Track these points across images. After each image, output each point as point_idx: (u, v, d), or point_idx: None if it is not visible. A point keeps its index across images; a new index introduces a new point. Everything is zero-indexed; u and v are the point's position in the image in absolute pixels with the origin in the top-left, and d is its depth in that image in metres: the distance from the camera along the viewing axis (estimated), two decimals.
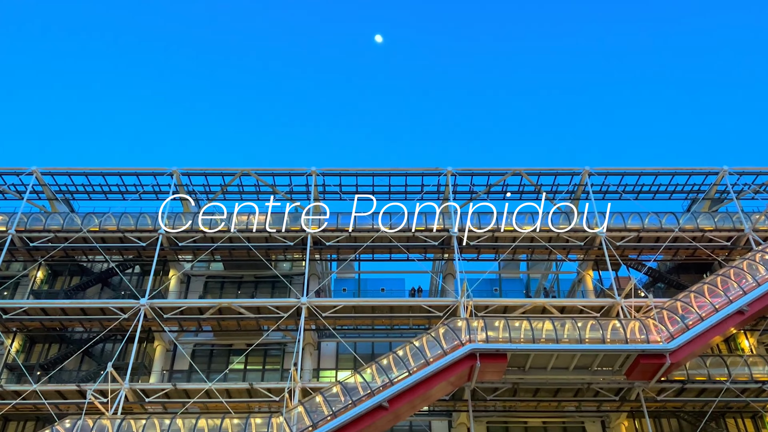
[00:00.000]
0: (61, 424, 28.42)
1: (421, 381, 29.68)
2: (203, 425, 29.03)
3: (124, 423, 28.88)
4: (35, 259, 39.06)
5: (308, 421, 28.78)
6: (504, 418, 36.91)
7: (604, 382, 32.71)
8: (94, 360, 37.97)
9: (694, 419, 34.86)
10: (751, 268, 33.60)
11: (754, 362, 33.90)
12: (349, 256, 40.34)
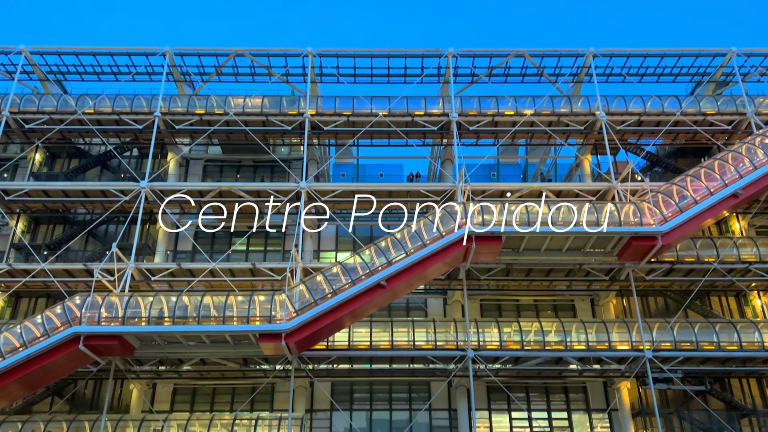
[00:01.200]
0: (71, 300, 29.58)
1: (418, 262, 30.57)
2: (209, 302, 30.28)
3: (132, 300, 30.10)
4: (32, 141, 38.86)
5: (310, 297, 29.97)
6: (497, 297, 38.45)
7: (595, 263, 33.74)
8: (99, 241, 38.88)
9: (680, 297, 36.33)
10: (750, 152, 33.59)
11: (742, 244, 34.78)
12: (347, 141, 40.15)
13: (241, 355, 32.24)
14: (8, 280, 33.82)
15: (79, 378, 33.98)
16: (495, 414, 35.80)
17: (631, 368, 32.91)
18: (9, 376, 27.56)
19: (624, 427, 34.23)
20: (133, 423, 32.24)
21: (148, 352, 31.32)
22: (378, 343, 33.52)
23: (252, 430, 32.14)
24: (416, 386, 36.56)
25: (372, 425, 35.56)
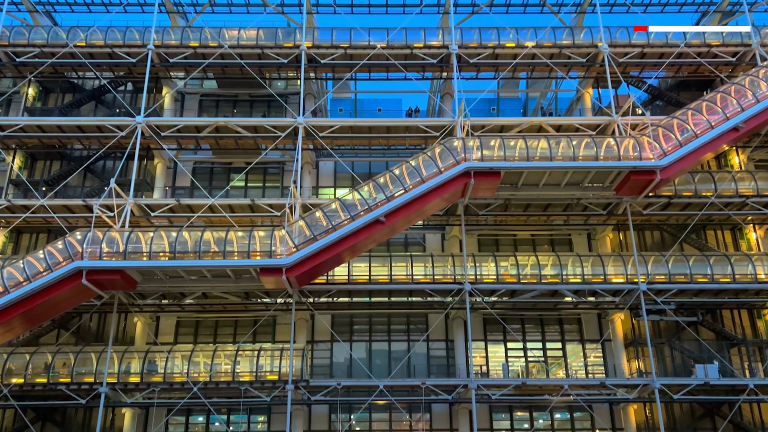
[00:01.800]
0: (72, 235, 29.80)
1: (417, 198, 30.63)
2: (209, 237, 30.53)
3: (133, 235, 30.32)
4: (24, 75, 38.14)
5: (309, 233, 30.21)
6: (494, 232, 38.78)
7: (593, 197, 33.85)
8: (97, 177, 38.82)
9: (676, 231, 36.66)
10: (753, 85, 33.11)
11: (741, 178, 34.80)
12: (344, 75, 39.46)
13: (242, 289, 32.80)
14: (8, 216, 33.97)
15: (84, 311, 34.66)
16: (491, 344, 36.79)
17: (625, 300, 33.58)
18: (14, 310, 28.08)
19: (616, 357, 35.25)
20: (138, 354, 33.13)
21: (151, 286, 31.83)
22: (377, 277, 34.06)
23: (255, 360, 33.10)
24: (414, 318, 37.40)
25: (371, 355, 36.58)
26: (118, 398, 32.14)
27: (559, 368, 36.42)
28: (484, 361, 36.30)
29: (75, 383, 31.48)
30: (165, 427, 34.30)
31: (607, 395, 32.82)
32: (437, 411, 35.18)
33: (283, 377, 31.97)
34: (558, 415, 35.35)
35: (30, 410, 32.78)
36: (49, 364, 31.92)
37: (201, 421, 35.20)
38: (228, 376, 32.29)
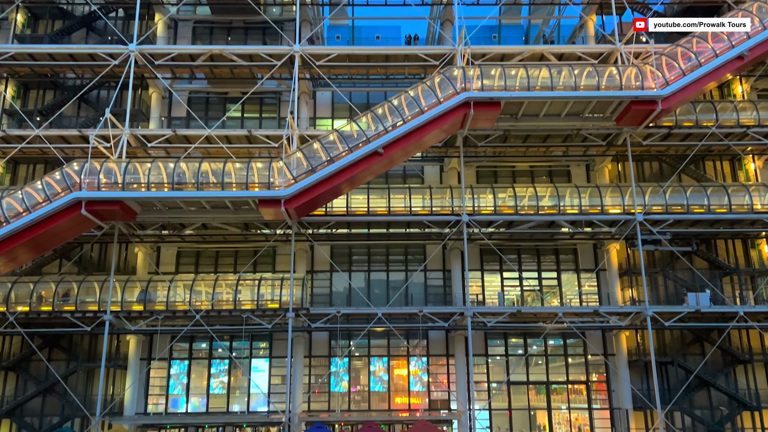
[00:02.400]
0: (69, 166, 29.69)
1: (415, 129, 30.37)
2: (207, 168, 30.44)
3: (130, 166, 30.23)
4: (12, 0, 36.93)
5: (307, 165, 30.13)
6: (493, 163, 38.68)
7: (593, 128, 33.59)
8: (91, 107, 38.29)
9: (675, 162, 36.60)
10: (761, 11, 32.24)
11: (742, 108, 34.42)
12: (342, 0, 38.31)
13: (241, 220, 33.01)
14: (4, 147, 33.69)
15: (85, 242, 35.00)
16: (487, 274, 37.40)
17: (621, 231, 33.92)
18: (15, 240, 28.35)
19: (610, 286, 35.93)
20: (140, 283, 33.73)
21: (150, 217, 32.02)
22: (375, 209, 34.24)
23: (255, 289, 33.76)
24: (412, 249, 37.86)
25: (370, 285, 37.26)
26: (122, 326, 32.95)
27: (554, 297, 37.20)
28: (480, 290, 37.01)
29: (79, 311, 32.21)
30: (169, 353, 35.32)
31: (600, 323, 33.67)
32: (434, 338, 36.17)
33: (283, 305, 32.70)
34: (551, 342, 36.38)
35: (37, 337, 33.64)
36: (54, 293, 32.55)
37: (204, 348, 36.22)
38: (230, 304, 33.01)
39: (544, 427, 35.56)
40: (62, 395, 33.89)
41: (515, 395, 35.75)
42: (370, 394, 35.63)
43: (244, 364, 35.38)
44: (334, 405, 34.87)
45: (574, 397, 35.93)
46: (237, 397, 35.53)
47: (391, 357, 36.29)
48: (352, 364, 36.32)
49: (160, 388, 35.35)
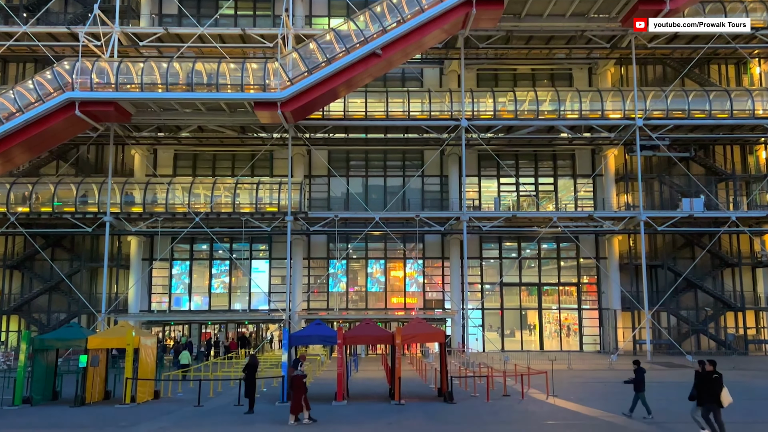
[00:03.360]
0: (60, 65, 28.99)
1: (415, 28, 29.40)
2: (201, 68, 29.77)
3: (123, 66, 29.51)
4: None
5: (303, 67, 29.43)
6: (494, 66, 37.85)
7: (598, 29, 32.61)
8: (79, 2, 36.84)
9: (679, 66, 35.84)
10: None
11: (753, 9, 33.28)
12: None
13: (237, 123, 32.65)
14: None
15: (81, 143, 34.77)
16: (484, 179, 37.56)
17: (620, 136, 33.74)
18: (10, 141, 28.11)
19: (606, 191, 36.21)
20: (139, 185, 33.83)
21: (146, 119, 31.65)
22: (373, 113, 33.83)
23: (254, 193, 33.95)
24: (410, 154, 37.77)
25: (367, 190, 37.46)
26: (122, 227, 33.37)
27: (550, 202, 37.56)
28: (477, 195, 37.29)
29: (80, 212, 32.50)
30: (170, 254, 36.02)
31: (594, 227, 34.19)
32: (430, 241, 36.84)
33: (282, 209, 33.03)
34: (545, 246, 37.12)
35: (39, 237, 34.15)
36: (53, 194, 32.73)
37: (205, 249, 36.91)
38: (228, 207, 33.31)
39: (534, 325, 36.98)
40: (67, 293, 34.86)
41: (507, 296, 36.92)
42: (367, 295, 36.75)
43: (245, 265, 36.19)
44: (333, 304, 36.03)
45: (565, 298, 37.14)
46: (238, 296, 36.63)
47: (388, 260, 37.11)
48: (350, 266, 37.20)
49: (163, 287, 36.35)
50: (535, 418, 14.37)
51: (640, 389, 14.22)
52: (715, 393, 11.18)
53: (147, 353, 18.46)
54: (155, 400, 18.38)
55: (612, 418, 14.05)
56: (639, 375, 14.30)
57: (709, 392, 11.27)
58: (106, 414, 15.66)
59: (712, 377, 11.43)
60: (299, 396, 13.88)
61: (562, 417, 14.57)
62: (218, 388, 20.34)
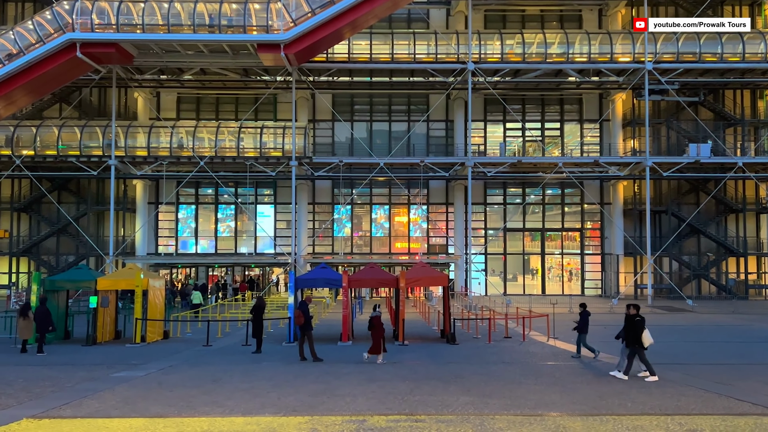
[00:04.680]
0: (59, 5, 28.40)
1: None
2: (202, 9, 29.19)
3: (123, 6, 28.84)
4: None
5: (306, 7, 28.77)
6: (502, 7, 36.94)
7: None
8: None
9: (692, 7, 34.93)
10: None
11: None
12: None
13: (240, 65, 32.18)
14: None
15: (83, 86, 34.44)
16: (490, 124, 37.25)
17: (629, 80, 33.20)
18: (12, 83, 27.83)
19: (613, 136, 35.91)
20: (143, 129, 33.70)
21: (148, 61, 31.23)
22: (378, 56, 33.26)
23: (258, 137, 33.82)
24: (415, 99, 37.34)
25: (372, 135, 37.23)
26: (127, 170, 33.44)
27: (555, 147, 37.33)
28: (483, 140, 37.05)
29: (84, 156, 32.54)
30: (176, 198, 36.20)
31: (599, 173, 34.09)
32: (434, 187, 36.85)
33: (286, 154, 32.95)
34: (549, 191, 37.11)
35: (45, 180, 34.27)
36: (57, 137, 32.68)
37: (210, 193, 37.05)
38: (233, 151, 33.25)
39: (537, 270, 37.37)
40: (75, 236, 35.25)
41: (511, 241, 37.18)
42: (371, 239, 37.05)
43: (250, 210, 36.39)
44: (337, 249, 36.37)
45: (568, 243, 37.40)
46: (244, 240, 36.99)
47: (392, 205, 37.23)
48: (355, 212, 37.37)
49: (169, 230, 36.70)
50: (535, 359, 14.72)
51: (583, 332, 14.84)
52: (638, 335, 11.93)
53: (156, 295, 18.81)
54: (164, 340, 18.84)
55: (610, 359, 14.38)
56: (583, 318, 14.92)
57: (633, 334, 12.00)
58: (118, 353, 16.10)
59: (635, 320, 12.10)
60: (379, 336, 13.89)
61: (562, 358, 14.92)
62: (226, 329, 20.80)
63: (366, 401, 9.87)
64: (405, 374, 12.42)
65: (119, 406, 9.49)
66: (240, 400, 9.93)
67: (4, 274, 36.45)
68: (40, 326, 16.22)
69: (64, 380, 11.83)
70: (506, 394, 10.56)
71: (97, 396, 10.27)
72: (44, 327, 16.24)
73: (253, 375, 12.39)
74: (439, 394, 10.48)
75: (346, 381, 11.68)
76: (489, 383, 11.56)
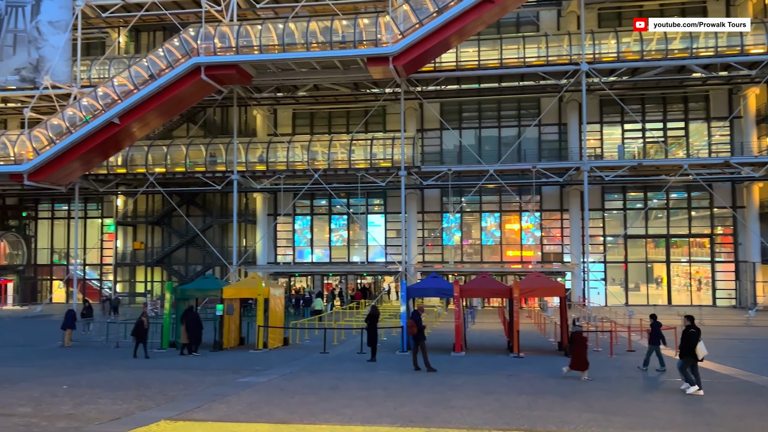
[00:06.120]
0: (186, 32, 30.62)
1: None
2: (314, 27, 30.29)
3: (242, 29, 30.66)
4: None
5: (414, 18, 29.07)
6: (617, 4, 35.39)
7: None
8: None
9: None
10: None
11: None
12: None
13: (351, 79, 33.07)
14: (126, 15, 35.07)
15: (207, 106, 36.85)
16: (606, 126, 35.68)
17: (762, 73, 30.57)
18: (146, 106, 30.32)
19: (745, 134, 33.19)
20: (261, 145, 35.54)
21: (265, 80, 32.87)
22: (486, 62, 32.94)
23: (368, 149, 34.54)
24: (525, 103, 36.55)
25: (481, 141, 36.85)
26: (248, 184, 35.34)
27: (679, 148, 35.06)
28: (599, 143, 35.55)
29: (209, 171, 34.85)
30: (293, 210, 37.73)
31: (730, 174, 31.62)
32: (547, 193, 35.80)
33: (395, 164, 33.38)
34: (674, 195, 34.88)
35: (175, 195, 36.94)
36: (185, 155, 35.25)
37: (324, 204, 38.26)
38: (345, 163, 34.18)
39: (661, 279, 35.18)
40: (202, 247, 37.65)
41: (632, 248, 35.30)
42: (481, 248, 36.58)
43: (361, 219, 37.16)
44: (447, 257, 36.24)
45: (696, 250, 34.91)
46: (356, 249, 37.81)
47: (503, 212, 36.57)
48: (464, 220, 37.10)
49: (287, 240, 38.28)
50: (663, 375, 13.83)
51: (654, 343, 14.42)
52: (691, 346, 11.79)
53: (276, 303, 19.65)
54: (284, 346, 19.61)
55: (750, 377, 13.23)
56: (654, 329, 14.51)
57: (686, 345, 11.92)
58: (242, 358, 16.96)
59: (689, 331, 12.02)
60: (583, 351, 13.14)
61: None
62: (342, 337, 21.32)
63: (482, 414, 9.71)
64: (521, 387, 12.11)
65: (245, 411, 9.97)
66: (358, 409, 10.11)
67: (140, 283, 39.64)
68: (193, 331, 17.47)
69: (195, 384, 12.61)
70: (631, 411, 10.00)
71: (225, 400, 10.85)
72: (196, 331, 17.60)
73: (369, 383, 12.58)
74: (559, 409, 10.12)
75: (461, 392, 11.56)
76: (612, 399, 11.00)
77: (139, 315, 18.55)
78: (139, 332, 17.48)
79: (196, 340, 17.69)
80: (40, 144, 31.36)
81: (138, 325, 17.60)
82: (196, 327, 17.72)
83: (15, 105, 37.34)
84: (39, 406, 10.43)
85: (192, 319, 17.75)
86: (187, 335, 17.61)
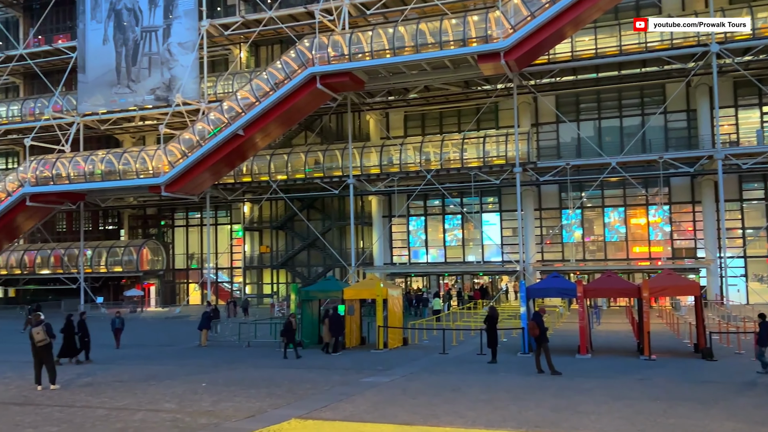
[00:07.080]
0: (301, 44, 31.88)
1: None
2: (424, 28, 30.43)
3: (354, 36, 31.45)
4: None
5: (525, 11, 28.38)
6: None
7: None
8: None
9: None
10: None
11: None
12: None
13: (461, 78, 32.85)
14: (246, 32, 37.14)
15: (323, 113, 38.14)
16: (742, 110, 32.87)
17: None
18: (268, 117, 31.90)
19: None
20: (375, 149, 36.23)
21: (377, 85, 33.46)
22: (604, 50, 31.52)
23: (481, 147, 34.15)
24: (649, 90, 34.50)
25: (600, 133, 35.24)
26: (363, 188, 36.16)
27: None
28: (733, 128, 32.80)
29: (327, 177, 36.07)
30: (407, 211, 38.08)
31: None
32: (676, 184, 33.58)
33: (509, 161, 32.75)
34: None
35: (296, 200, 38.54)
36: (304, 162, 36.81)
37: (437, 204, 38.28)
38: (457, 162, 34.03)
39: None
40: (322, 249, 38.98)
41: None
42: (605, 245, 34.95)
43: (476, 218, 36.79)
44: (568, 255, 34.98)
45: None
46: (471, 248, 37.46)
47: (628, 207, 34.74)
48: (585, 216, 35.63)
49: (402, 241, 38.70)
50: None
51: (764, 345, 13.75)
52: None
53: (394, 303, 19.93)
54: (404, 346, 19.83)
55: None
56: (763, 329, 13.89)
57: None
58: (364, 358, 17.35)
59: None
60: None
61: None
62: (460, 337, 21.21)
63: (612, 421, 9.29)
64: (655, 393, 11.44)
65: (370, 411, 10.20)
66: (481, 412, 10.02)
67: (267, 285, 41.78)
68: (335, 330, 18.46)
69: (321, 383, 13.08)
70: None
71: (350, 400, 11.16)
72: (338, 330, 18.66)
73: (492, 386, 12.43)
74: (698, 417, 9.46)
75: (589, 397, 11.13)
76: (760, 408, 10.13)
77: (287, 315, 19.47)
78: (288, 332, 18.20)
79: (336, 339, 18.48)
80: (174, 157, 33.90)
81: (287, 326, 18.34)
82: (339, 327, 18.46)
83: (151, 122, 40.63)
84: (182, 403, 11.28)
85: (334, 320, 18.52)
86: (330, 335, 18.41)
